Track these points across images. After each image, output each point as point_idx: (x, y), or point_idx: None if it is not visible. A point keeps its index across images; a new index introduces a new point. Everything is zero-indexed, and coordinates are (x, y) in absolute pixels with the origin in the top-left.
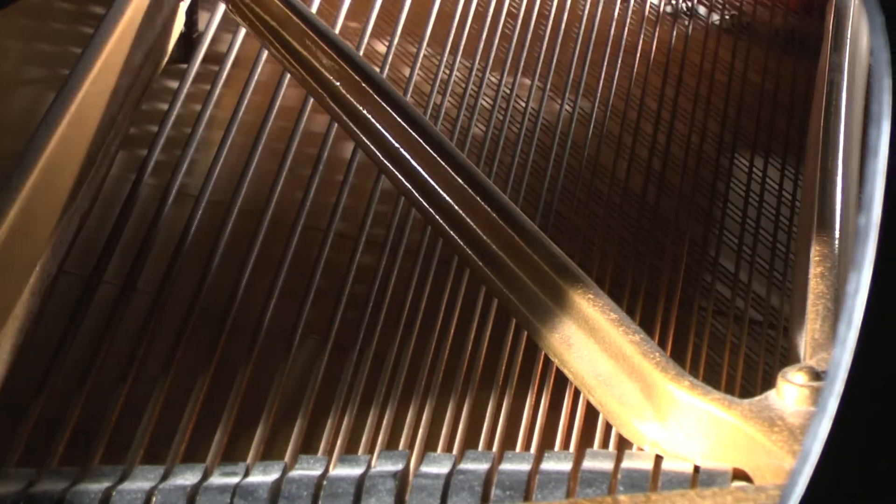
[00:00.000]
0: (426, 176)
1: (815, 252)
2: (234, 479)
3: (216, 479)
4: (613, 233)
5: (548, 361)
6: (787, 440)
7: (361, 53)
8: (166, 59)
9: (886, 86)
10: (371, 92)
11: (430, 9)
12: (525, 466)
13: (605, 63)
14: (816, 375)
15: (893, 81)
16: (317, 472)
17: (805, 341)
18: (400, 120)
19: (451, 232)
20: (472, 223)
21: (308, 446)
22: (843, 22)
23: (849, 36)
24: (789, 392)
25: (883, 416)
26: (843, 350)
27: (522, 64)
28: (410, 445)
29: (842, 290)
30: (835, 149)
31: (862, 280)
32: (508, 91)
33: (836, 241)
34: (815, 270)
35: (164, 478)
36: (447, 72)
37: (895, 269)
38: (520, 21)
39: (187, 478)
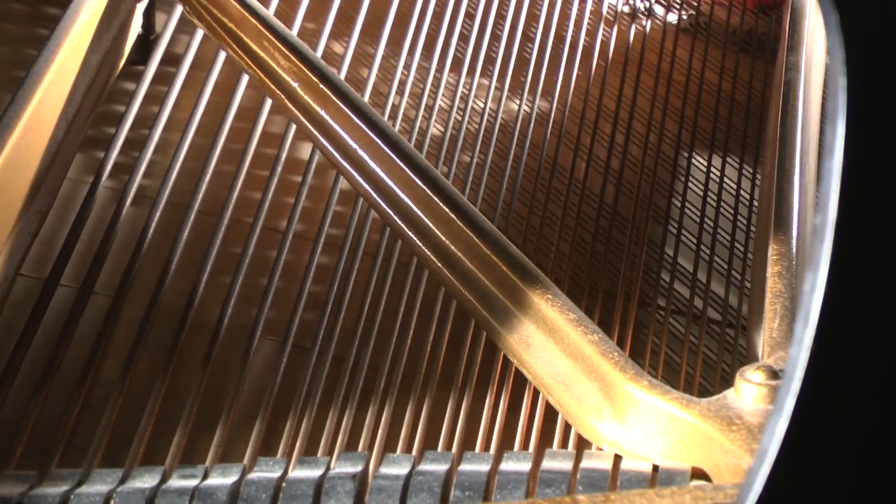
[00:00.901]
0: (384, 177)
1: (772, 251)
2: (193, 482)
3: (175, 482)
4: (572, 233)
5: (507, 362)
6: (746, 439)
7: (319, 55)
8: (123, 60)
9: (842, 85)
10: (329, 93)
11: (388, 10)
12: (484, 467)
13: (564, 63)
14: (774, 374)
15: (849, 81)
16: (276, 474)
17: (763, 340)
18: (358, 121)
19: (410, 233)
20: (430, 224)
21: (267, 448)
22: (800, 21)
23: (805, 35)
24: (747, 391)
25: (841, 413)
26: (800, 349)
27: (480, 64)
28: (370, 447)
29: (799, 289)
30: (792, 148)
31: (818, 279)
32: (466, 91)
33: (794, 241)
34: (772, 269)
35: (123, 481)
36: (405, 73)
37: (851, 269)
38: (477, 21)
39: (146, 481)
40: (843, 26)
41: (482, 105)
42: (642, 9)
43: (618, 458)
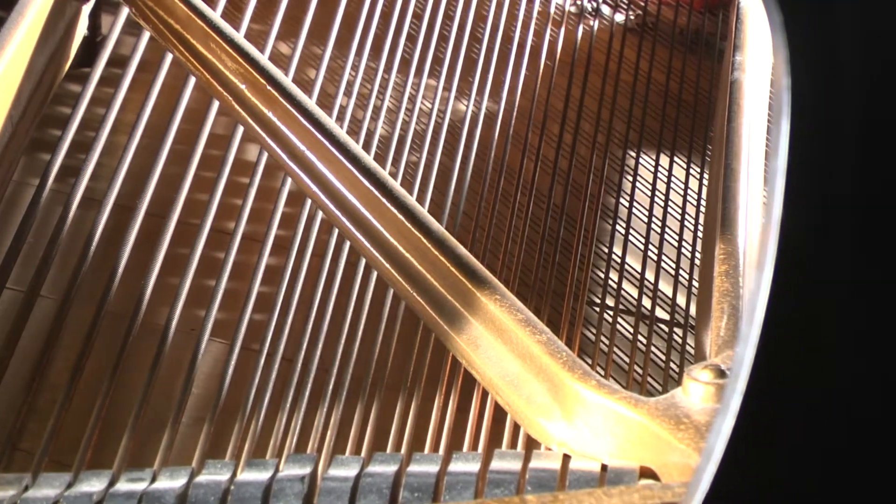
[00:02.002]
0: (332, 178)
1: (719, 250)
2: (141, 486)
3: (123, 486)
4: (521, 234)
5: (456, 363)
6: (694, 437)
7: (267, 56)
8: (69, 62)
9: (786, 85)
10: (276, 94)
11: (335, 11)
12: (433, 468)
13: (512, 63)
14: (721, 373)
15: (792, 80)
16: (224, 477)
17: (711, 339)
18: (305, 122)
19: (358, 234)
20: (378, 225)
21: (216, 451)
22: (746, 21)
23: (751, 35)
24: (695, 390)
25: (786, 411)
26: (746, 347)
27: (428, 65)
28: (319, 448)
29: (746, 288)
30: (738, 147)
31: (764, 278)
32: (414, 92)
33: (741, 240)
34: (719, 269)
35: (70, 485)
36: (353, 74)
37: (797, 267)
38: (425, 22)
39: (93, 484)
40: (786, 26)
41: (430, 106)
42: (589, 9)
43: (566, 458)
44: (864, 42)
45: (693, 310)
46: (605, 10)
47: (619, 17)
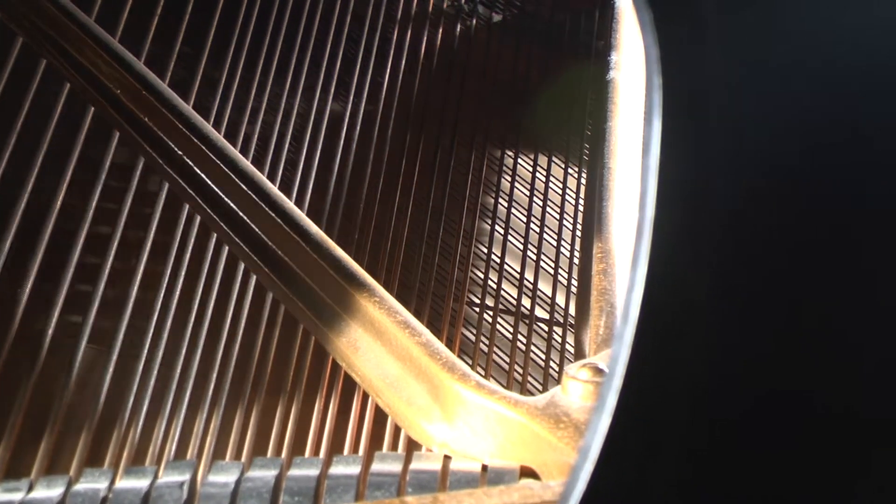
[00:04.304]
0: (210, 183)
1: (597, 249)
2: (18, 496)
3: None
4: (400, 235)
5: (336, 366)
6: (573, 436)
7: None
8: None
9: (656, 84)
10: (152, 99)
11: (214, 14)
12: (314, 472)
13: (390, 63)
14: (600, 371)
15: (663, 79)
16: (103, 485)
17: (590, 337)
18: (182, 127)
19: (237, 239)
20: (256, 229)
21: (95, 459)
22: (622, 20)
23: (627, 34)
24: (574, 388)
25: (662, 408)
26: (621, 345)
27: (306, 67)
28: (199, 454)
29: (622, 286)
30: (615, 146)
31: (637, 276)
32: (292, 94)
33: (618, 238)
34: (597, 267)
35: None
36: (230, 78)
37: (670, 265)
38: (303, 24)
39: None
40: (656, 25)
41: (307, 107)
42: (466, 10)
43: (447, 459)
44: (730, 39)
45: (573, 309)
46: (481, 9)
47: (496, 17)
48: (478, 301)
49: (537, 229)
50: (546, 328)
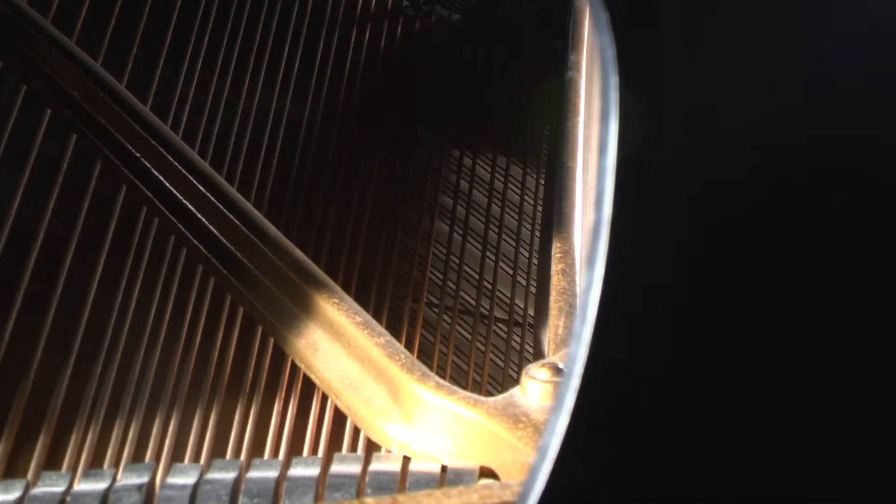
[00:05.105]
0: (168, 185)
1: (556, 249)
2: None
3: None
4: (359, 236)
5: (295, 367)
6: (532, 436)
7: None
8: None
9: (613, 84)
10: (110, 101)
11: (171, 14)
12: (273, 473)
13: (349, 62)
14: (559, 371)
15: (620, 79)
16: (60, 489)
17: (549, 337)
18: (140, 129)
19: (194, 240)
20: (214, 230)
21: (53, 462)
22: (580, 20)
23: (586, 34)
24: (533, 388)
25: (619, 409)
26: (579, 345)
27: (265, 66)
28: (157, 457)
29: (580, 286)
30: (574, 146)
31: (595, 276)
32: (249, 94)
33: (576, 238)
34: (556, 267)
35: None
36: (187, 82)
37: (627, 265)
38: (261, 24)
39: None
40: (612, 25)
41: (265, 107)
42: (424, 10)
43: (406, 460)
44: (688, 40)
45: (532, 309)
46: (440, 9)
47: (455, 16)
48: (437, 302)
49: (496, 230)
50: (505, 328)
